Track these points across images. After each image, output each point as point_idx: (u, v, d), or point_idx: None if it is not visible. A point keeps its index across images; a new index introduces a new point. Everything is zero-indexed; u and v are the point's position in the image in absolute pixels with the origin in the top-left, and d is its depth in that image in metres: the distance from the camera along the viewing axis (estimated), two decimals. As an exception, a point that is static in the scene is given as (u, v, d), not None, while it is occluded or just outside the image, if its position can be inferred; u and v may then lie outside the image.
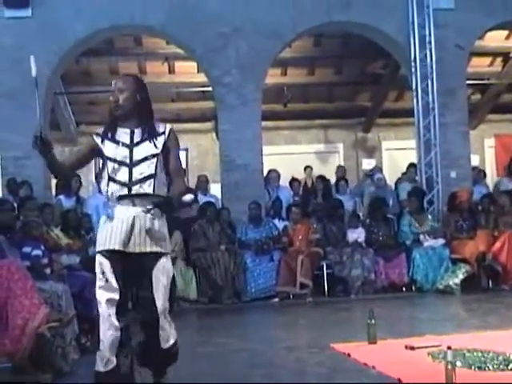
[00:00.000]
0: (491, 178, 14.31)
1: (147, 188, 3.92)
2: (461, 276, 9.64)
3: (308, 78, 14.72)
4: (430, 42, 11.11)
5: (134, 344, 4.01)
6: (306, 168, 12.95)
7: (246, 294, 9.68)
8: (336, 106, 15.54)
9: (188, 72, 13.64)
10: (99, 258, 3.92)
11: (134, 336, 4.01)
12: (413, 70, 11.22)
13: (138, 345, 4.02)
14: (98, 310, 3.93)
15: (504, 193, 10.60)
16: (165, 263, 3.99)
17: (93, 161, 4.31)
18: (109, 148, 3.99)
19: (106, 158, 3.99)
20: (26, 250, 6.41)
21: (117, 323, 3.84)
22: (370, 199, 11.13)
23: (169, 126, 4.08)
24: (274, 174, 11.68)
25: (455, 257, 9.97)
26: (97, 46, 12.06)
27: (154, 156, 3.96)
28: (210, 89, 11.83)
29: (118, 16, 10.83)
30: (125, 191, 3.92)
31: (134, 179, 3.92)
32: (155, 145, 3.98)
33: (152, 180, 3.93)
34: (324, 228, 10.38)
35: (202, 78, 12.42)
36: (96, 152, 4.05)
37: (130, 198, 3.92)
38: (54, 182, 11.05)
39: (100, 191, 4.15)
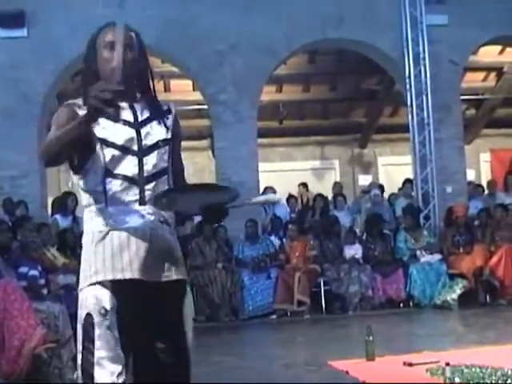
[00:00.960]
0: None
1: (163, 187, 2.68)
2: (458, 291, 9.63)
3: (303, 94, 14.76)
4: (424, 58, 11.15)
5: None
6: (299, 185, 12.96)
7: (244, 311, 9.64)
8: (331, 122, 15.57)
9: (183, 90, 13.68)
10: (98, 295, 2.55)
11: None
12: (407, 85, 11.26)
13: None
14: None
15: (500, 207, 10.61)
16: (189, 297, 2.89)
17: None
18: (104, 127, 2.60)
19: (98, 142, 2.59)
20: (23, 270, 6.42)
21: None
22: (367, 215, 11.13)
23: (173, 105, 2.86)
24: (270, 192, 11.66)
25: (452, 272, 9.96)
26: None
27: (166, 142, 2.72)
28: (205, 107, 11.86)
29: (113, 35, 10.84)
30: (134, 191, 2.62)
31: (146, 173, 2.64)
32: (166, 126, 2.74)
33: (167, 176, 2.73)
34: (321, 245, 10.37)
35: (197, 96, 12.46)
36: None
37: (142, 200, 2.63)
38: (50, 201, 11.03)
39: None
